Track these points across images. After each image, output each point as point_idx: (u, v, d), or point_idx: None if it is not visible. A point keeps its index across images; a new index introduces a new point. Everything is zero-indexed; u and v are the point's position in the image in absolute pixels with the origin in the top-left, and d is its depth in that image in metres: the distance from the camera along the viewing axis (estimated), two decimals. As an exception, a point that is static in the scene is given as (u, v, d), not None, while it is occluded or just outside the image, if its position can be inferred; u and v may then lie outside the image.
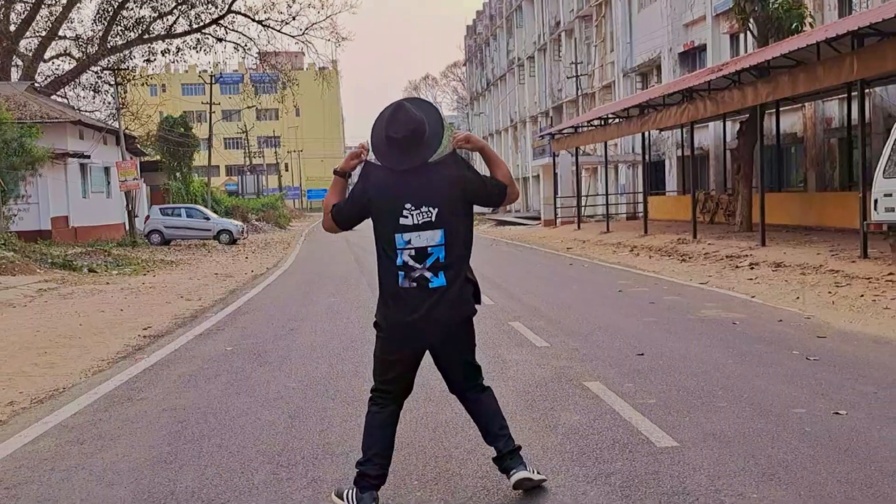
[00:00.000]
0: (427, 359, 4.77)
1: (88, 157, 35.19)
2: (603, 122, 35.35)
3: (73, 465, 5.75)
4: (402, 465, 5.31)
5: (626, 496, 4.76)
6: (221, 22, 43.28)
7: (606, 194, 37.28)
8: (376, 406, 4.74)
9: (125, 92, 40.78)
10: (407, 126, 4.53)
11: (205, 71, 57.08)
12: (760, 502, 4.60)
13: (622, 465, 5.29)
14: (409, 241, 4.56)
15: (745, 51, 31.07)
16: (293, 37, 45.43)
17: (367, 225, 4.88)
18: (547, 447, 5.72)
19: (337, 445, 5.92)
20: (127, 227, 36.97)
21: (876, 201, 15.23)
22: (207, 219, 40.30)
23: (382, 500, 4.74)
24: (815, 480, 4.91)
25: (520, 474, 4.77)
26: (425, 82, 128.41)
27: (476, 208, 4.88)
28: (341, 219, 4.83)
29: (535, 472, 4.93)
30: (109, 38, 41.56)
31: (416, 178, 4.59)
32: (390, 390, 4.75)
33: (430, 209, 4.56)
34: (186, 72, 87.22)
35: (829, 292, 13.50)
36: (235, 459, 5.73)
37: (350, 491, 4.67)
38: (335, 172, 4.89)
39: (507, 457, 4.83)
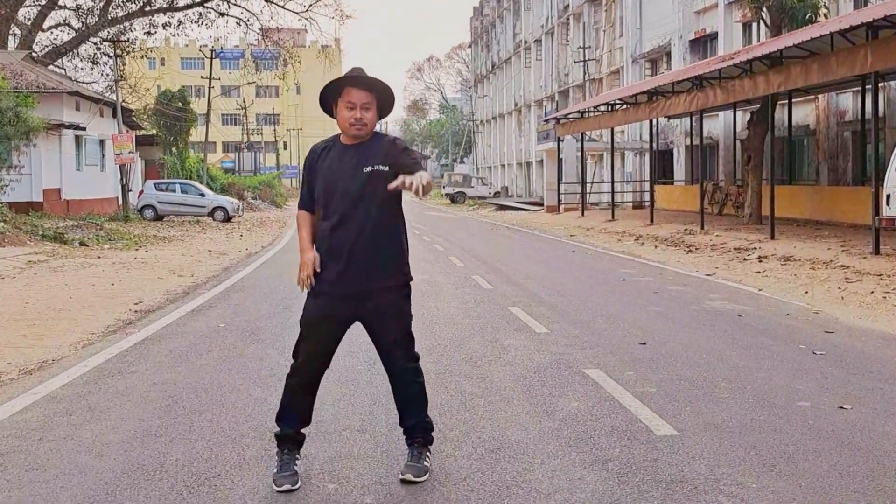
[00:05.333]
0: (432, 343, 4.76)
1: (84, 129, 35.11)
2: (610, 108, 35.33)
3: (61, 436, 5.76)
4: (397, 445, 5.31)
5: (624, 482, 4.77)
6: (225, -5, 43.19)
7: (612, 182, 37.18)
8: None
9: (124, 64, 40.70)
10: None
11: (205, 45, 57.00)
12: (760, 492, 4.61)
13: (620, 452, 5.30)
14: None
15: (758, 40, 31.01)
16: (296, 13, 45.37)
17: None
18: (544, 432, 5.72)
19: (330, 423, 5.94)
20: (120, 202, 36.92)
21: (889, 196, 15.24)
22: (202, 195, 40.25)
23: (378, 483, 4.78)
24: (817, 473, 4.91)
25: None
26: (429, 63, 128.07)
27: (475, 192, 4.90)
28: None
29: None
30: (110, 9, 41.43)
31: None
32: None
33: None
34: (187, 46, 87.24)
35: (839, 288, 13.49)
36: (226, 435, 5.75)
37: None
38: None
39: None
